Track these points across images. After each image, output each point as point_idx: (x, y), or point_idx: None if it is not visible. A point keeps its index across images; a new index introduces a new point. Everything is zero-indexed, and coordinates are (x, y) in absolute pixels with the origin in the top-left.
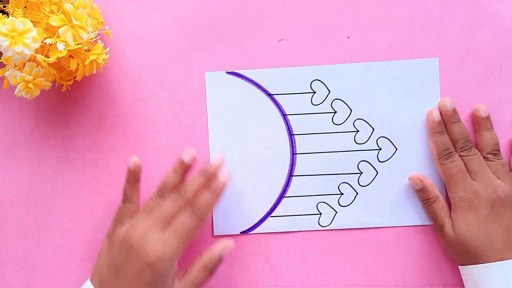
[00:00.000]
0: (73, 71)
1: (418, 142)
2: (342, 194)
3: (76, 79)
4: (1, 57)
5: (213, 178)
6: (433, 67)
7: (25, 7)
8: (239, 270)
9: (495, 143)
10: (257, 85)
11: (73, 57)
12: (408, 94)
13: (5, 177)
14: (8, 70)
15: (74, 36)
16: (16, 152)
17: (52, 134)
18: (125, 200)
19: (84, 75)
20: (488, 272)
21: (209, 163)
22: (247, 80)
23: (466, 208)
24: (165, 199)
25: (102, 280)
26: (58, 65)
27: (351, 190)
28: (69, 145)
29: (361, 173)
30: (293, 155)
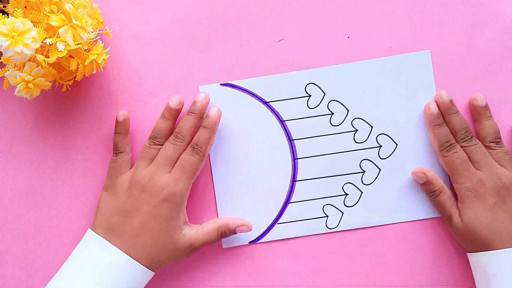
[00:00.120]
0: (73, 71)
1: (417, 135)
2: (347, 195)
3: (76, 79)
4: (1, 57)
5: (205, 117)
6: (426, 59)
7: (25, 7)
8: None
9: (496, 131)
10: (252, 94)
11: (73, 57)
12: (403, 88)
13: (5, 177)
14: (8, 70)
15: (74, 36)
16: (16, 152)
17: (52, 134)
18: (118, 152)
19: (84, 75)
20: (496, 259)
21: (196, 102)
22: (241, 90)
23: (472, 197)
24: (162, 144)
25: (110, 226)
26: (58, 65)
27: (355, 190)
28: (69, 145)
29: (364, 171)
30: (295, 160)
